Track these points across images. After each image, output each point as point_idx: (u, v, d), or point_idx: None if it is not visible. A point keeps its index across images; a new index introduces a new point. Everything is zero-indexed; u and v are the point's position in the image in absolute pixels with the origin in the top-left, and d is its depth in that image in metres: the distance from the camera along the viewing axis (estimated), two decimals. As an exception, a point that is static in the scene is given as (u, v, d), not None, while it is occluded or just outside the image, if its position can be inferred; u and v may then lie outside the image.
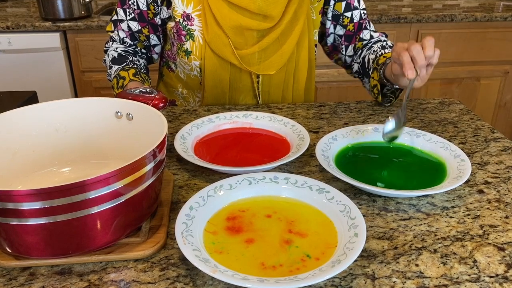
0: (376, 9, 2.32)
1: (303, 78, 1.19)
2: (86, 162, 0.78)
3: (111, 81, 1.09)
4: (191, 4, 1.08)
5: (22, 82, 2.17)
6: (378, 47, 1.13)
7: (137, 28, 1.13)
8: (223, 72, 1.13)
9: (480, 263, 0.61)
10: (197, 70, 1.14)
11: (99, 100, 0.78)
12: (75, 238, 0.58)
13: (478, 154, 0.89)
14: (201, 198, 0.69)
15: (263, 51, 1.11)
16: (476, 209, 0.73)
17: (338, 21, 1.19)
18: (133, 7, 1.11)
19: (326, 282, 0.58)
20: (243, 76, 1.14)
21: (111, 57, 1.13)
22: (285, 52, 1.12)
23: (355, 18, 1.19)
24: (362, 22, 1.19)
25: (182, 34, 1.11)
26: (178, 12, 1.09)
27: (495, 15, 2.22)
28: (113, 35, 1.16)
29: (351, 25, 1.19)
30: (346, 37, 1.21)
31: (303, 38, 1.14)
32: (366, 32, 1.20)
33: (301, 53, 1.15)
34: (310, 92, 1.26)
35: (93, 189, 0.55)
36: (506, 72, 2.37)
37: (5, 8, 2.42)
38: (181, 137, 0.89)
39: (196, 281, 0.59)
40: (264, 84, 1.16)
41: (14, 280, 0.59)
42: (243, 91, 1.17)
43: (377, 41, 1.17)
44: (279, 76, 1.16)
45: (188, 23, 1.09)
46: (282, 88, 1.18)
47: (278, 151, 0.88)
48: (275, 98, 1.19)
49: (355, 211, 0.65)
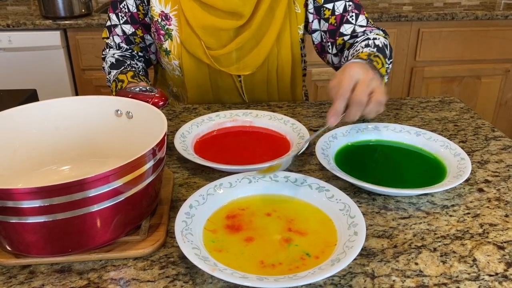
0: (377, 7, 2.32)
1: (287, 76, 1.15)
2: (86, 160, 0.79)
3: (111, 86, 1.10)
4: (169, 3, 1.07)
5: (22, 80, 2.17)
6: (360, 47, 0.98)
7: (131, 30, 1.13)
8: (202, 71, 1.11)
9: (480, 261, 0.61)
10: (178, 69, 1.14)
11: (99, 98, 0.78)
12: (75, 236, 0.58)
13: (478, 153, 0.89)
14: (201, 197, 0.69)
15: (240, 50, 1.08)
16: (476, 207, 0.73)
17: (320, 14, 1.09)
18: (125, 10, 1.11)
19: (326, 281, 0.58)
20: (224, 75, 1.12)
21: (109, 63, 1.13)
22: (262, 50, 1.08)
23: (337, 10, 1.07)
24: (345, 15, 1.06)
25: (161, 34, 1.10)
26: (155, 11, 1.08)
27: (496, 13, 2.21)
28: (108, 41, 1.16)
29: (332, 18, 1.07)
30: (330, 33, 1.09)
31: (283, 35, 1.09)
32: (349, 26, 1.06)
33: (282, 50, 1.10)
34: (297, 89, 1.21)
35: (93, 187, 0.55)
36: (507, 71, 2.37)
37: (5, 6, 2.42)
38: (181, 135, 0.89)
39: (196, 279, 0.59)
40: (247, 82, 1.14)
41: (14, 278, 0.59)
42: (227, 90, 1.16)
43: (365, 40, 1.01)
44: (261, 75, 1.13)
45: (167, 22, 1.09)
46: (266, 87, 1.16)
47: (278, 150, 0.88)
48: (261, 96, 1.17)
49: (354, 210, 0.65)
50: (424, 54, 2.29)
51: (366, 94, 0.76)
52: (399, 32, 2.23)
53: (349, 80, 0.76)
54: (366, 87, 0.76)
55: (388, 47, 1.00)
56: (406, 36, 2.24)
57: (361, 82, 0.77)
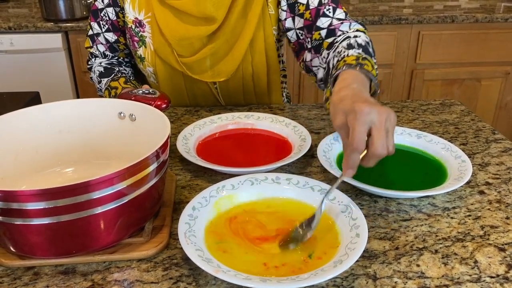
0: (377, 10, 2.32)
1: (263, 82, 1.14)
2: (89, 162, 0.79)
3: (103, 95, 1.09)
4: (143, 10, 1.07)
5: (23, 83, 2.18)
6: (343, 47, 0.89)
7: (113, 38, 1.13)
8: (176, 78, 1.11)
9: (481, 263, 0.62)
10: (153, 76, 1.14)
11: (102, 101, 0.79)
12: (79, 238, 0.59)
13: (479, 155, 0.90)
14: (204, 199, 0.69)
15: (213, 56, 1.07)
16: (477, 210, 0.73)
17: (294, 11, 1.03)
18: (106, 18, 1.11)
19: (328, 282, 0.58)
20: (199, 82, 1.11)
21: (97, 72, 1.12)
22: (236, 55, 1.06)
23: (311, 4, 1.00)
24: (321, 8, 1.00)
25: (135, 40, 1.10)
26: (129, 18, 1.08)
27: (496, 16, 2.22)
28: (92, 50, 1.16)
29: (307, 13, 1.01)
30: (306, 29, 1.03)
31: (257, 40, 1.06)
32: (325, 20, 0.99)
33: (256, 57, 1.08)
34: (274, 94, 1.19)
35: (97, 189, 0.55)
36: (507, 73, 2.37)
37: (7, 9, 2.43)
38: (184, 138, 0.90)
39: (199, 281, 0.59)
40: (223, 89, 1.13)
41: (19, 280, 0.60)
42: (203, 95, 1.15)
43: (345, 38, 0.92)
44: (237, 81, 1.12)
45: (141, 29, 1.08)
46: (243, 93, 1.15)
47: (280, 152, 0.88)
48: (238, 101, 1.16)
49: (356, 212, 0.66)
50: (424, 56, 2.29)
51: (386, 146, 0.63)
52: (399, 35, 2.23)
53: (361, 127, 0.62)
54: (384, 135, 0.62)
55: (370, 44, 0.92)
56: (406, 39, 2.25)
57: (377, 129, 0.62)
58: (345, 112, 0.65)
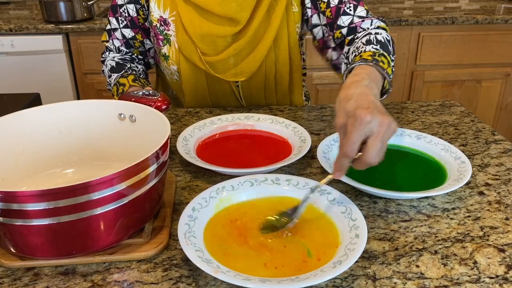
0: (378, 11, 2.33)
1: (285, 81, 1.15)
2: (89, 163, 0.79)
3: (111, 89, 1.10)
4: (167, 9, 1.08)
5: (24, 84, 2.18)
6: (361, 43, 0.90)
7: (130, 35, 1.14)
8: (199, 77, 1.12)
9: (481, 264, 0.62)
10: (176, 74, 1.14)
11: (102, 102, 0.79)
12: (79, 238, 0.59)
13: (479, 156, 0.90)
14: (204, 199, 0.69)
15: (236, 56, 1.08)
16: (477, 210, 0.73)
17: (317, 8, 1.05)
18: (125, 14, 1.11)
19: (328, 283, 0.59)
20: (221, 81, 1.12)
21: (109, 66, 1.13)
22: (258, 56, 1.07)
23: (332, 3, 1.02)
24: (341, 7, 1.01)
25: (160, 39, 1.11)
26: (154, 16, 1.09)
27: (496, 17, 2.22)
28: (108, 44, 1.17)
29: (328, 11, 1.02)
30: (328, 26, 1.04)
31: (281, 39, 1.08)
32: (346, 18, 1.00)
33: (280, 55, 1.10)
34: (295, 94, 1.20)
35: (97, 190, 0.55)
36: (507, 75, 2.38)
37: (8, 11, 2.44)
38: (184, 139, 0.90)
39: (199, 282, 0.59)
40: (244, 88, 1.14)
41: (19, 280, 0.60)
42: (225, 95, 1.16)
43: (366, 35, 0.93)
44: (259, 81, 1.13)
45: (165, 27, 1.09)
46: (264, 92, 1.15)
47: (279, 153, 0.88)
48: (259, 101, 1.17)
49: (356, 213, 0.66)
50: (424, 58, 2.29)
51: (379, 156, 0.64)
52: (399, 36, 2.23)
53: (357, 135, 0.62)
54: (379, 146, 0.63)
55: (391, 42, 0.93)
56: (406, 40, 2.25)
57: (374, 138, 0.62)
58: (347, 114, 0.65)
